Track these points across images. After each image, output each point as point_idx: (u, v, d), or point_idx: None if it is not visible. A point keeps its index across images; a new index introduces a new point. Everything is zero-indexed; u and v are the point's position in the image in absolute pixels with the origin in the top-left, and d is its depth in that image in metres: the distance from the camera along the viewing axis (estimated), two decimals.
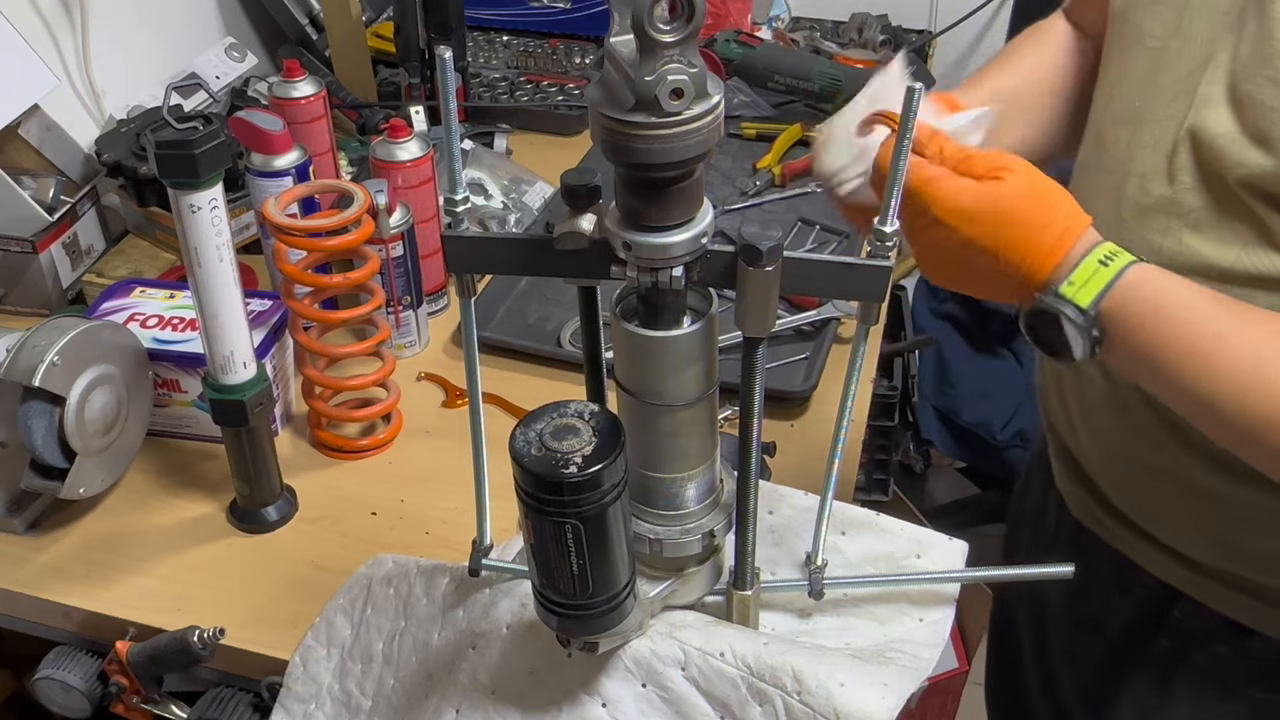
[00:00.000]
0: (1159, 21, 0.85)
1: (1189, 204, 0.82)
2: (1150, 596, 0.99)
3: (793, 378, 1.24)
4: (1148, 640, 1.02)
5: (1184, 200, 0.82)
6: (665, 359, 0.68)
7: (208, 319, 0.97)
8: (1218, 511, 0.90)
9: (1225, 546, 0.92)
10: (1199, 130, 0.80)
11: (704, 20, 0.55)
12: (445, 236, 0.70)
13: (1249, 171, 0.77)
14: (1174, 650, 1.00)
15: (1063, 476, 1.08)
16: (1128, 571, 1.00)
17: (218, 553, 1.06)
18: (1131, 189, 0.86)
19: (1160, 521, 0.96)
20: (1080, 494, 1.05)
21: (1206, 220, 0.81)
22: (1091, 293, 0.71)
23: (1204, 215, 0.81)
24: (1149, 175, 0.85)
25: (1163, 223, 0.84)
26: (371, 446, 1.18)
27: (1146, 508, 0.97)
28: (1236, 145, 0.77)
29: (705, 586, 0.79)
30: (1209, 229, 0.81)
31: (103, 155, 1.41)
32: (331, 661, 0.90)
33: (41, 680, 0.99)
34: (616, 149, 0.59)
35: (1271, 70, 0.75)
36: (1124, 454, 0.96)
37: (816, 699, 0.71)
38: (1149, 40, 0.86)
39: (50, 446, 0.99)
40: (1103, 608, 1.05)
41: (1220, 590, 0.94)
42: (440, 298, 1.37)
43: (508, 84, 1.84)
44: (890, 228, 0.67)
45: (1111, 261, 0.71)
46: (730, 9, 1.97)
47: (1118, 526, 1.00)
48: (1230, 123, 0.78)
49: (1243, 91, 0.77)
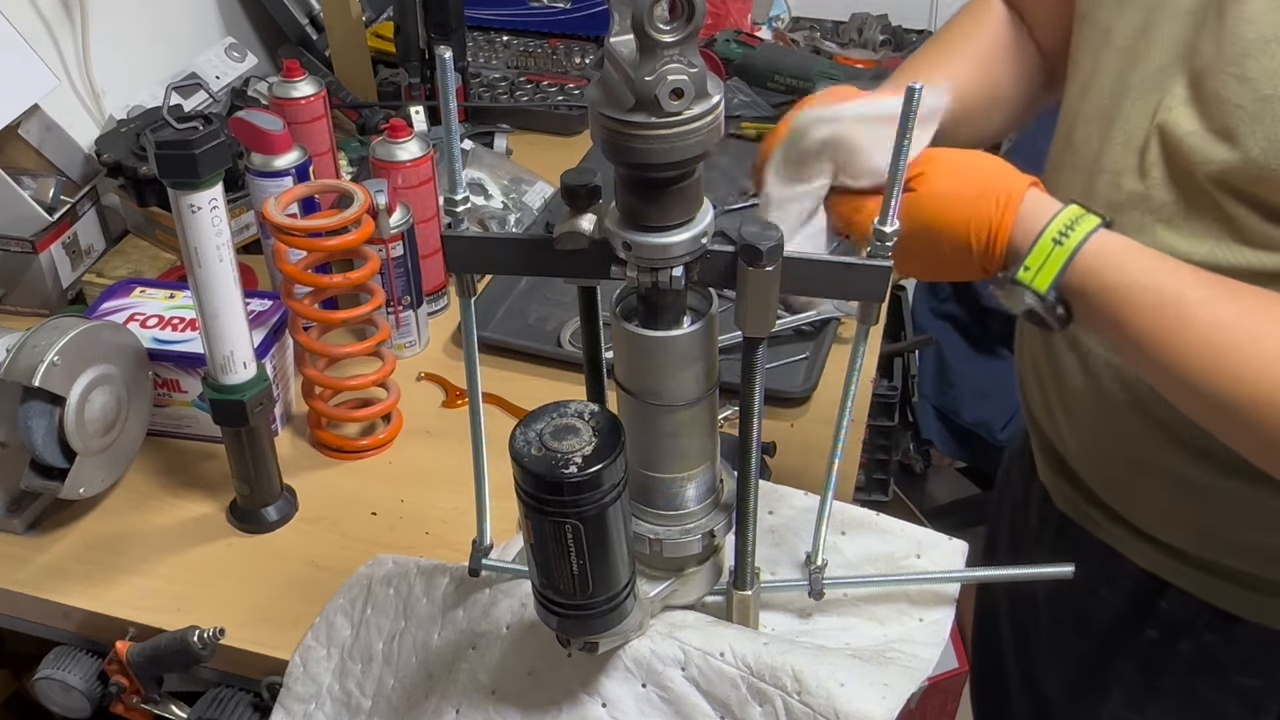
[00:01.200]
0: (1126, 22, 0.86)
1: (1161, 199, 0.83)
2: (1137, 588, 1.00)
3: (793, 378, 1.24)
4: (1135, 631, 1.02)
5: (1156, 196, 0.83)
6: (665, 359, 0.68)
7: (208, 319, 0.97)
8: (1201, 502, 0.90)
9: (1210, 536, 0.93)
10: (1167, 127, 0.81)
11: (704, 20, 0.55)
12: (445, 236, 0.70)
13: (1217, 167, 0.78)
14: (1161, 640, 1.01)
15: (1045, 469, 1.08)
16: (1113, 563, 1.00)
17: (218, 553, 1.06)
18: (1103, 185, 0.87)
19: (1144, 512, 0.97)
20: (1064, 486, 1.05)
21: (1179, 215, 0.82)
22: (1048, 277, 0.72)
23: (1176, 210, 0.82)
24: (1121, 172, 0.85)
25: (1136, 219, 0.84)
26: (371, 446, 1.18)
27: (1130, 499, 0.97)
28: (1204, 142, 0.78)
29: (705, 586, 0.79)
30: (1182, 224, 0.82)
31: (103, 155, 1.41)
32: (331, 661, 0.90)
33: (41, 680, 0.99)
34: (616, 149, 0.59)
35: (1235, 68, 0.76)
36: (1106, 446, 0.96)
37: (816, 699, 0.71)
38: (1117, 40, 0.86)
39: (50, 446, 1.00)
40: (1089, 600, 1.05)
41: (1206, 579, 0.95)
42: (440, 298, 1.37)
43: (508, 84, 1.84)
44: (890, 228, 0.67)
45: (1067, 237, 0.72)
46: (730, 9, 1.97)
47: (1102, 518, 1.00)
48: (1197, 120, 0.79)
49: (1208, 89, 0.78)
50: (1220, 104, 0.77)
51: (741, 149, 1.69)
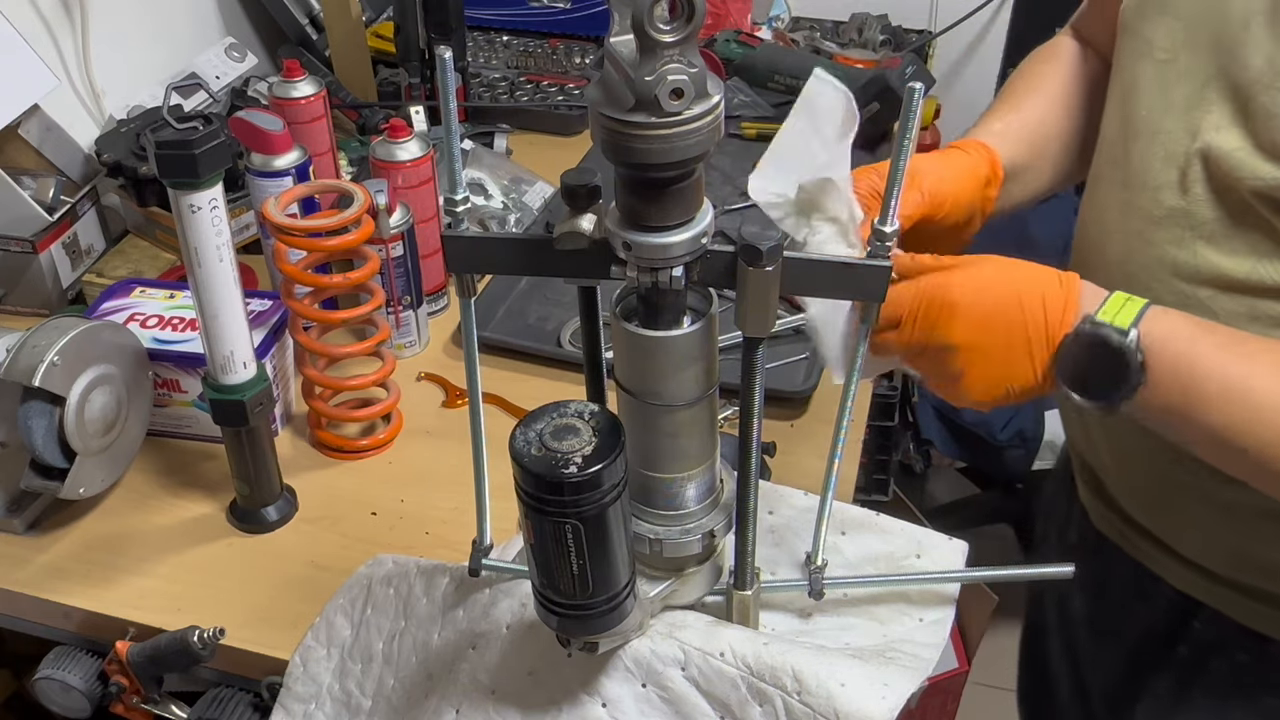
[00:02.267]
0: (1167, 33, 0.84)
1: (1203, 215, 0.81)
2: (1171, 607, 0.99)
3: (793, 378, 1.24)
4: (1168, 648, 1.01)
5: (1197, 212, 0.82)
6: (665, 359, 0.68)
7: (208, 319, 0.97)
8: (1235, 524, 0.89)
9: (1244, 559, 0.92)
10: (1211, 145, 0.79)
11: (704, 20, 0.55)
12: (445, 236, 0.70)
13: (1264, 183, 0.76)
14: (1193, 658, 1.00)
15: (1084, 489, 1.08)
16: (1147, 581, 1.00)
17: (218, 553, 1.06)
18: (1144, 201, 0.86)
19: (1179, 534, 0.96)
20: (1100, 506, 1.04)
21: (1221, 232, 0.81)
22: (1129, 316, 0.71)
23: (1218, 227, 0.81)
24: (1162, 187, 0.84)
25: (1176, 234, 0.83)
26: (371, 446, 1.18)
27: (1165, 521, 0.97)
28: (1251, 158, 0.77)
29: (705, 586, 0.79)
30: (1223, 240, 0.81)
31: (103, 155, 1.41)
32: (331, 661, 0.90)
33: (41, 680, 0.99)
34: (616, 149, 0.59)
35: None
36: (1141, 468, 0.95)
37: (816, 699, 0.71)
38: (1158, 53, 0.85)
39: (50, 446, 1.00)
40: (1123, 615, 1.05)
41: (1240, 600, 0.94)
42: (440, 298, 1.37)
43: (508, 84, 1.84)
44: (890, 228, 0.67)
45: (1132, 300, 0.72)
46: (730, 9, 1.97)
47: (1138, 538, 1.00)
48: (1242, 136, 0.77)
49: (1256, 104, 0.76)
50: (1269, 119, 0.75)
51: (741, 149, 1.69)
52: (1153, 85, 0.86)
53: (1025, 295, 0.72)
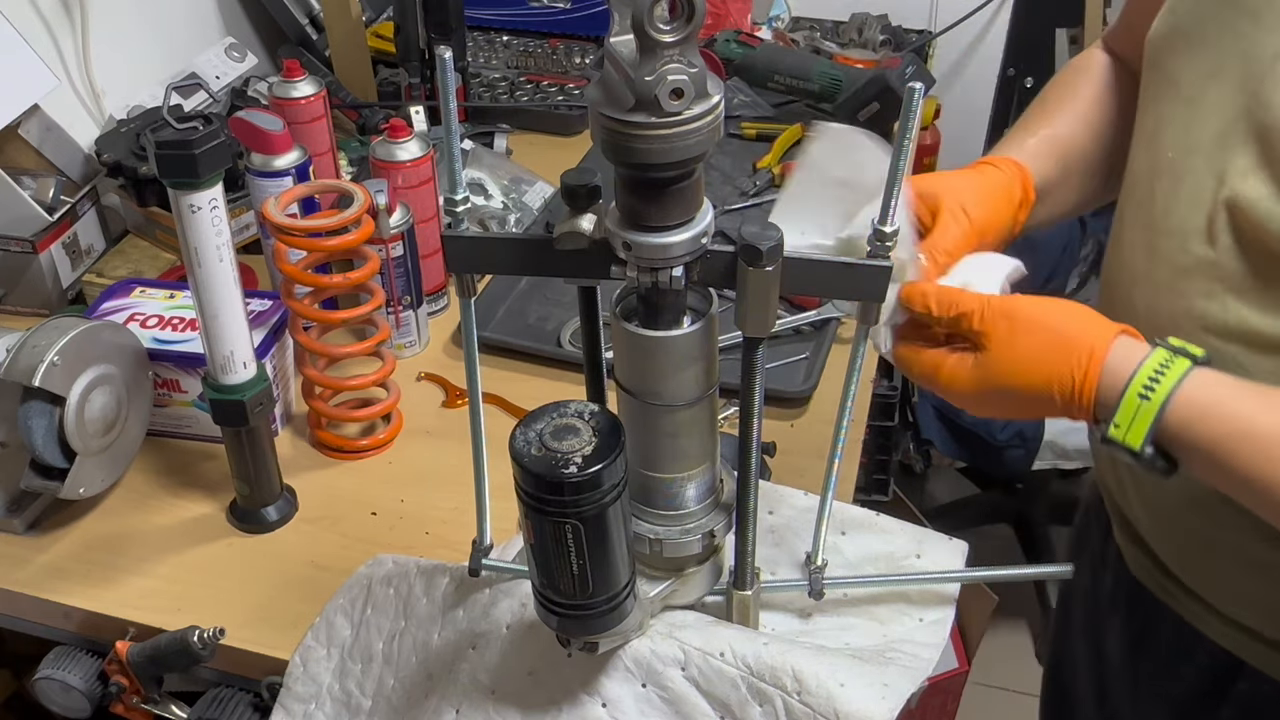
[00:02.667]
0: (1196, 70, 0.80)
1: (1231, 267, 0.77)
2: (1214, 665, 0.94)
3: (793, 378, 1.24)
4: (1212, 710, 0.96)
5: (1225, 263, 0.77)
6: (665, 359, 0.68)
7: (208, 319, 0.97)
8: (1273, 583, 0.85)
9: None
10: (1238, 193, 0.76)
11: (704, 20, 0.55)
12: (445, 236, 0.70)
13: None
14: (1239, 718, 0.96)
15: (1120, 534, 1.02)
16: (1189, 638, 0.95)
17: (218, 553, 1.06)
18: (1170, 248, 0.81)
19: (1218, 590, 0.91)
20: (1137, 554, 0.99)
21: (1250, 285, 0.77)
22: (1140, 434, 0.68)
23: (1247, 280, 0.77)
24: (1189, 234, 0.80)
25: (1204, 286, 0.79)
26: (371, 446, 1.18)
27: (1202, 575, 0.92)
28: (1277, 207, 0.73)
29: (705, 586, 0.79)
30: (1253, 294, 0.76)
31: (103, 155, 1.41)
32: (331, 661, 0.90)
33: (41, 680, 0.99)
34: (616, 149, 0.59)
35: None
36: (1176, 521, 0.91)
37: (816, 699, 0.71)
38: (1184, 89, 0.81)
39: (50, 446, 1.00)
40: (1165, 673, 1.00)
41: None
42: (440, 298, 1.37)
43: (508, 84, 1.84)
44: (890, 228, 0.67)
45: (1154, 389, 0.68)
46: (730, 9, 1.97)
47: (1177, 590, 0.95)
48: (1268, 181, 0.74)
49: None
50: None
51: (741, 149, 1.69)
52: (1177, 125, 0.82)
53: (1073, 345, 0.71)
